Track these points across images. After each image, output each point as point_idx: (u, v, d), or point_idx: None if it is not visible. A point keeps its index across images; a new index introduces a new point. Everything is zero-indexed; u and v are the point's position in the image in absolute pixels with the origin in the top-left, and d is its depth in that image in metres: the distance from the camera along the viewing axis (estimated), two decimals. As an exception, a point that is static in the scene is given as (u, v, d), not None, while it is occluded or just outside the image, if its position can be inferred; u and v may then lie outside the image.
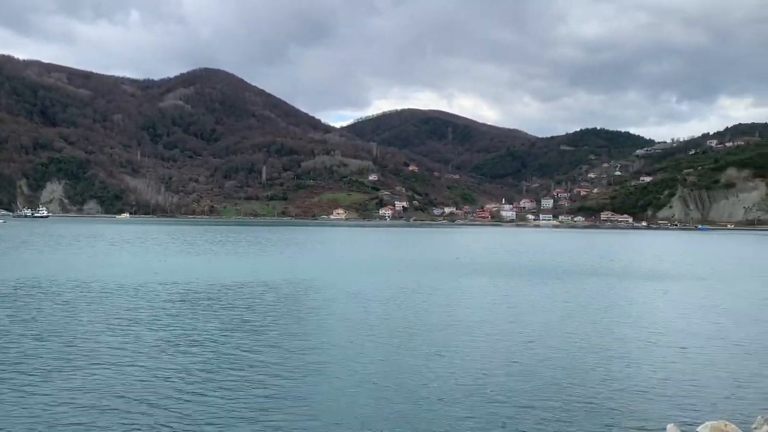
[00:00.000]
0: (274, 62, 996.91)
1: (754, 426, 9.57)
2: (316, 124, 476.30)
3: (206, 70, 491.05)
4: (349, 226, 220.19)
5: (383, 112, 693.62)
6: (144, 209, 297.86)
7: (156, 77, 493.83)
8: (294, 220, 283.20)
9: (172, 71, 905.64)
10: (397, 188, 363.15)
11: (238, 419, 12.46)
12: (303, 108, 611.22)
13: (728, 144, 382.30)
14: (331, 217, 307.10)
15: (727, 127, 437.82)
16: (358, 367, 16.41)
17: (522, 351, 18.55)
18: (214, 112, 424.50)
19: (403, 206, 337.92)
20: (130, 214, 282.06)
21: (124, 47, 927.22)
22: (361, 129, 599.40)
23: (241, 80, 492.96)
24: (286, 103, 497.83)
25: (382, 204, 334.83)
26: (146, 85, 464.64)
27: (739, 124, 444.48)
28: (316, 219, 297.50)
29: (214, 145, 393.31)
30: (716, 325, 24.40)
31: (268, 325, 22.13)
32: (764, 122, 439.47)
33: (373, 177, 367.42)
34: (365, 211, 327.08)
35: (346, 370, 15.91)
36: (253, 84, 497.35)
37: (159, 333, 20.68)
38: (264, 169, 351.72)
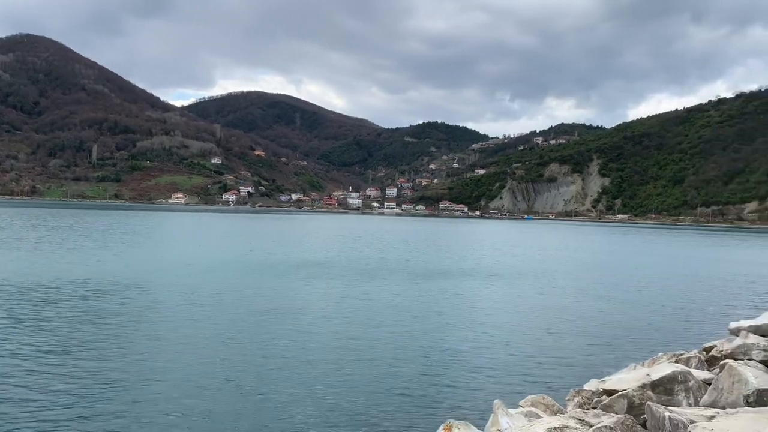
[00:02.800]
0: (108, 32, 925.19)
1: (567, 398, 10.28)
2: (154, 102, 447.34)
3: (29, 36, 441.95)
4: (189, 210, 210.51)
5: (228, 93, 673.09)
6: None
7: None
8: (128, 204, 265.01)
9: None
10: (242, 172, 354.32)
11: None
12: (140, 84, 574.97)
13: (552, 141, 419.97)
14: (170, 201, 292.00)
15: (551, 126, 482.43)
16: (180, 371, 15.37)
17: (343, 349, 17.91)
18: (37, 83, 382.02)
19: (248, 191, 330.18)
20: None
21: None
22: (204, 109, 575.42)
23: (70, 50, 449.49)
24: (121, 77, 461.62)
25: (225, 188, 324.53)
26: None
27: (562, 123, 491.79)
28: (153, 203, 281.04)
29: (37, 120, 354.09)
30: (531, 314, 26.07)
31: (71, 330, 19.77)
32: (583, 123, 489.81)
33: (216, 160, 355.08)
34: (207, 196, 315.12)
35: (169, 376, 14.78)
36: (84, 55, 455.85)
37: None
38: (95, 147, 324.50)
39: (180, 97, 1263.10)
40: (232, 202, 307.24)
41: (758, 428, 4.74)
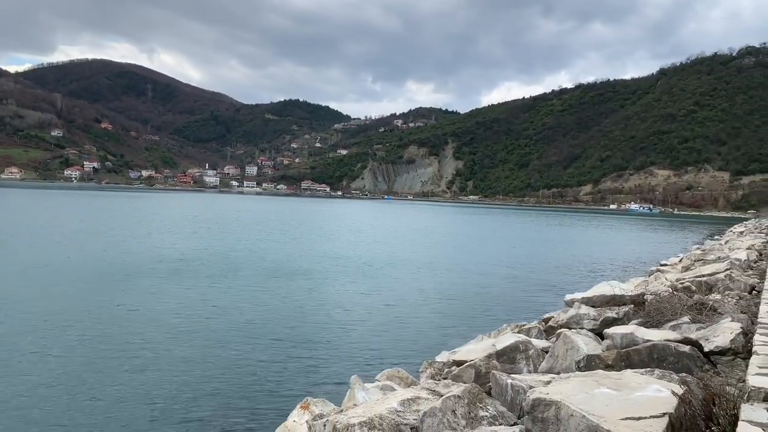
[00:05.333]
0: None
1: (420, 370, 10.74)
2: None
3: None
4: (24, 188, 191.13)
5: (71, 60, 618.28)
6: None
7: None
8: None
9: None
10: (87, 147, 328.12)
11: None
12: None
13: (411, 124, 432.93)
14: (2, 176, 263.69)
15: (410, 109, 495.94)
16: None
17: (186, 347, 16.83)
18: None
19: (93, 167, 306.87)
20: None
21: None
22: (42, 76, 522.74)
23: None
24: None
25: (68, 164, 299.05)
26: None
27: (420, 107, 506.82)
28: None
29: None
30: (385, 293, 26.58)
31: None
32: (440, 107, 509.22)
33: (56, 132, 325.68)
34: (47, 171, 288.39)
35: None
36: None
37: None
38: None
39: (13, 61, 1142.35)
40: (75, 178, 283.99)
41: (586, 389, 5.50)
